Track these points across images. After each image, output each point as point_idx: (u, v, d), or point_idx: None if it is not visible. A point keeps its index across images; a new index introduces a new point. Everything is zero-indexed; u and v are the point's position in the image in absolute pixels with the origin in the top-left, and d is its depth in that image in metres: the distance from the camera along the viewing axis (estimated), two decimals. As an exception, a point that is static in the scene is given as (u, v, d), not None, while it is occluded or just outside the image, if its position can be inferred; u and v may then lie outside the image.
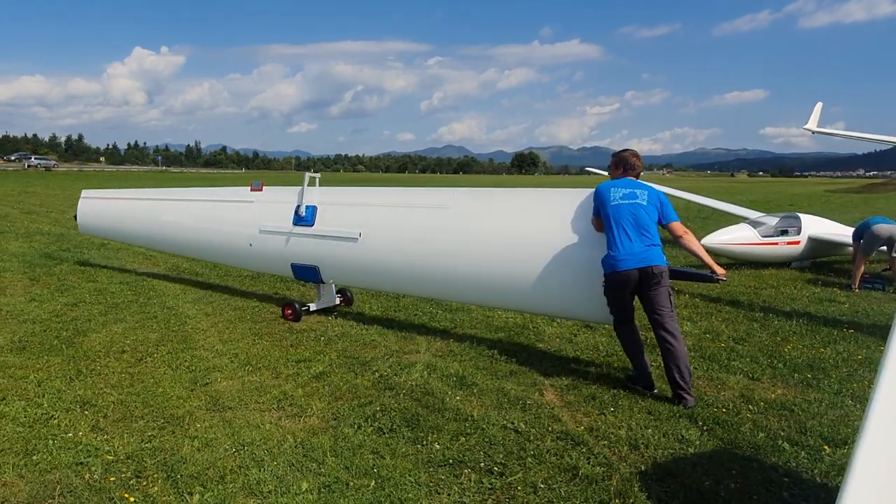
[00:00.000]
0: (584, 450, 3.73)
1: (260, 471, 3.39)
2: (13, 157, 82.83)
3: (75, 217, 8.98)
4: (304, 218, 6.55)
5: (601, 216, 4.79)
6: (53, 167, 69.46)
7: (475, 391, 4.66)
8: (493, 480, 3.38)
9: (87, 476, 3.28)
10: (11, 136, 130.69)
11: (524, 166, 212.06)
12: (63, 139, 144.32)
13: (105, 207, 8.76)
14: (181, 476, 3.29)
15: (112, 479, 3.26)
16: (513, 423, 4.09)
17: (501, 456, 3.64)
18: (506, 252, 5.45)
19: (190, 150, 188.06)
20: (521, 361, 5.41)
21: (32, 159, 74.60)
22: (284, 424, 4.02)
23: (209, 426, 3.95)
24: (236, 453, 3.59)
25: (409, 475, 3.39)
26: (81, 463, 3.42)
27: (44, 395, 4.36)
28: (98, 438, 3.72)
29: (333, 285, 6.99)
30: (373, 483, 3.30)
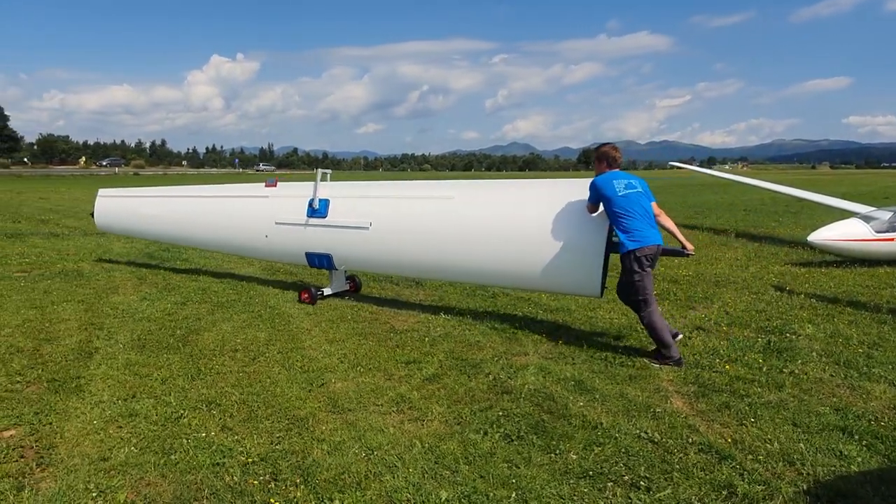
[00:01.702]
0: (733, 465, 3.46)
1: (394, 477, 3.30)
2: (104, 163, 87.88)
3: (92, 214, 9.27)
4: (317, 210, 7.04)
5: (606, 207, 5.37)
6: (131, 172, 72.62)
7: (597, 397, 4.45)
8: (640, 496, 3.17)
9: (226, 478, 3.27)
10: (102, 142, 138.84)
11: (591, 162, 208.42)
12: (148, 144, 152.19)
13: (122, 205, 9.06)
14: (318, 481, 3.24)
15: (252, 481, 3.24)
16: (646, 433, 3.85)
17: (644, 469, 3.41)
18: (503, 237, 6.03)
19: (263, 152, 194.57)
20: (637, 365, 5.15)
21: (120, 166, 78.72)
22: (408, 429, 3.93)
23: (334, 429, 3.90)
24: (367, 458, 3.51)
25: (549, 487, 3.22)
26: (219, 464, 3.42)
27: (170, 394, 4.43)
28: (230, 439, 3.73)
29: (344, 272, 7.57)
30: (513, 494, 3.14)
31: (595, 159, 5.69)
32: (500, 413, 4.13)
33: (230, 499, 3.08)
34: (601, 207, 5.47)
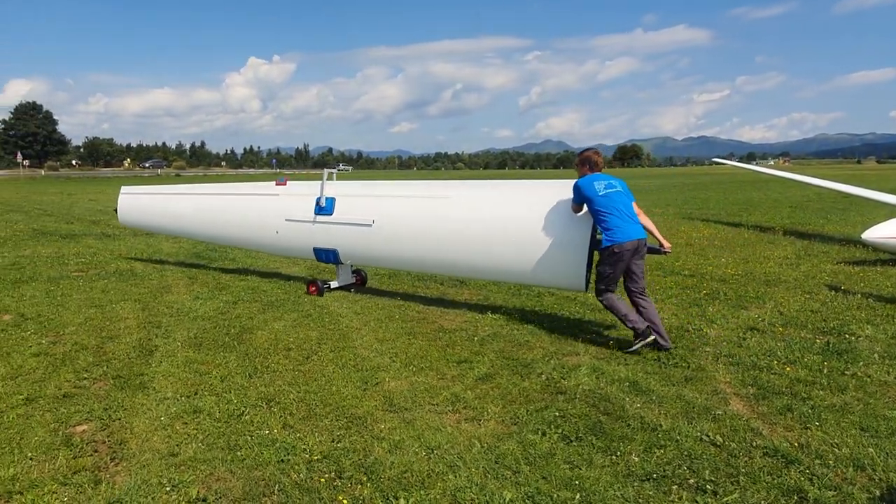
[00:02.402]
0: (801, 469, 3.38)
1: (456, 477, 3.32)
2: (147, 165, 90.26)
3: (115, 211, 9.72)
4: (324, 208, 7.46)
5: (589, 207, 5.74)
6: (173, 173, 74.32)
7: (654, 398, 4.40)
8: (707, 500, 3.12)
9: (293, 475, 3.34)
10: (144, 144, 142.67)
11: (626, 159, 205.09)
12: (188, 146, 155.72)
13: (142, 202, 9.46)
14: (382, 479, 3.28)
15: (318, 478, 3.30)
16: (708, 436, 3.79)
17: (708, 472, 3.36)
18: (494, 234, 6.40)
19: (299, 152, 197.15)
20: (693, 367, 5.08)
21: (163, 167, 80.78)
22: (465, 428, 3.95)
23: (392, 427, 3.94)
24: (427, 458, 3.54)
25: (613, 489, 3.20)
26: (284, 461, 3.49)
27: (230, 391, 4.54)
28: (292, 436, 3.80)
29: (350, 266, 8.01)
30: (577, 496, 3.13)
31: (578, 163, 6.06)
32: (557, 413, 4.12)
33: (298, 496, 3.15)
34: (585, 208, 5.84)
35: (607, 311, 6.80)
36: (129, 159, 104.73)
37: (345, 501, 3.07)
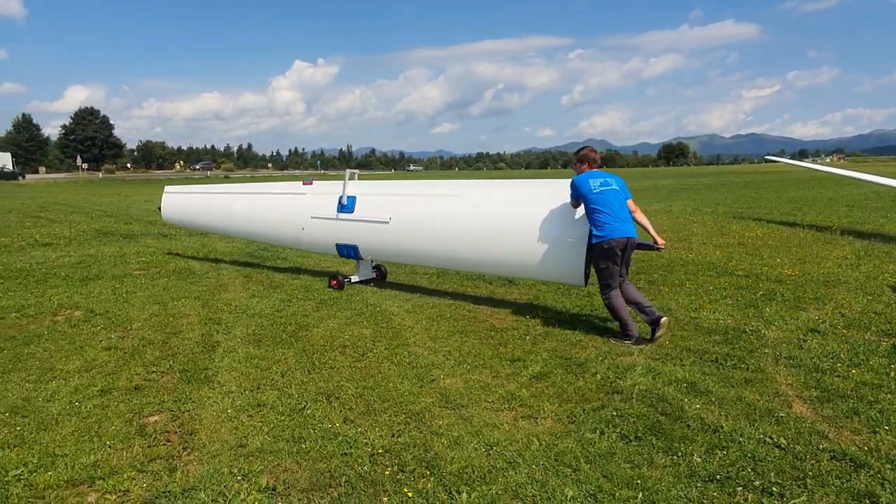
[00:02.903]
0: (871, 473, 3.30)
1: (517, 473, 3.35)
2: (197, 167, 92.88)
3: (159, 209, 10.23)
4: (346, 206, 7.89)
5: (583, 203, 5.95)
6: (222, 174, 76.58)
7: (713, 400, 4.34)
8: (773, 502, 3.08)
9: (356, 467, 3.43)
10: (195, 147, 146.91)
11: (672, 157, 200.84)
12: (235, 148, 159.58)
13: (184, 201, 10.02)
14: (444, 473, 3.34)
15: (381, 471, 3.38)
16: (771, 438, 3.73)
17: (774, 474, 3.31)
18: (499, 231, 6.71)
19: (342, 153, 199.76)
20: (752, 368, 4.99)
21: (212, 169, 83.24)
22: (523, 426, 3.98)
23: (450, 424, 4.00)
24: (487, 454, 3.59)
25: (676, 489, 3.19)
26: (347, 454, 3.59)
27: (291, 386, 4.68)
28: (353, 430, 3.90)
29: (370, 261, 8.44)
30: (640, 495, 3.13)
31: (576, 161, 6.27)
32: (614, 413, 4.11)
33: (363, 487, 3.23)
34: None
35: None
36: (180, 162, 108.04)
37: (410, 494, 3.14)
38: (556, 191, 6.51)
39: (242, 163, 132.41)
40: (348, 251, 8.10)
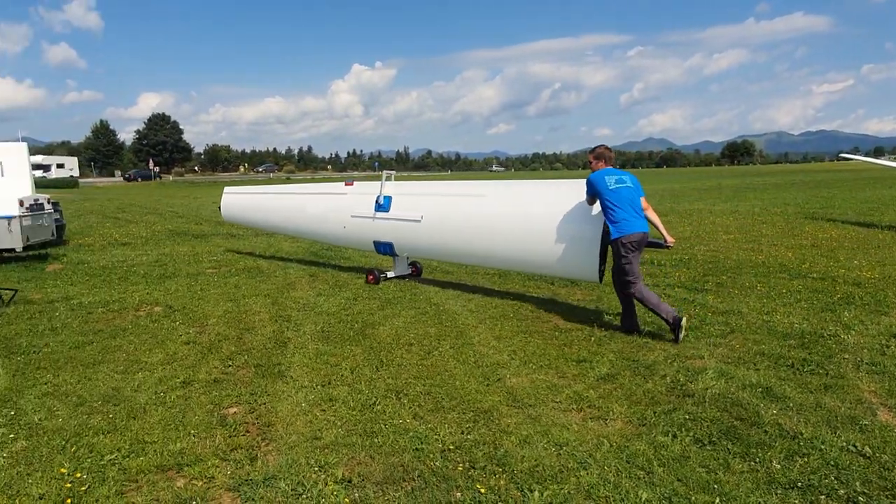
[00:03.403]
0: (968, 486, 3.13)
1: (588, 474, 3.34)
2: (260, 169, 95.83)
3: (219, 208, 10.92)
4: (382, 206, 8.34)
5: (599, 200, 6.13)
6: (284, 176, 78.88)
7: (790, 405, 4.20)
8: (860, 512, 2.97)
9: (429, 462, 3.49)
10: (258, 150, 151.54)
11: (736, 156, 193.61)
12: (296, 151, 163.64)
13: (241, 201, 10.64)
14: (515, 471, 3.36)
15: (453, 467, 3.43)
16: (856, 447, 3.59)
17: (859, 484, 3.19)
18: (521, 229, 6.98)
19: (399, 155, 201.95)
20: (831, 374, 4.80)
21: (274, 171, 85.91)
22: (592, 427, 3.96)
23: (518, 423, 4.02)
24: (556, 453, 3.59)
25: (755, 496, 3.11)
26: (419, 449, 3.66)
27: (360, 382, 4.79)
28: (423, 427, 3.97)
29: (406, 258, 8.84)
30: (717, 500, 3.07)
31: (592, 158, 6.48)
32: (686, 416, 4.04)
33: (436, 482, 3.29)
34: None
35: (729, 314, 6.59)
36: (244, 164, 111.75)
37: (482, 490, 3.17)
38: (575, 190, 6.68)
39: (303, 165, 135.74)
40: (384, 248, 8.53)
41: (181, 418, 4.15)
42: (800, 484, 3.20)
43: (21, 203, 10.28)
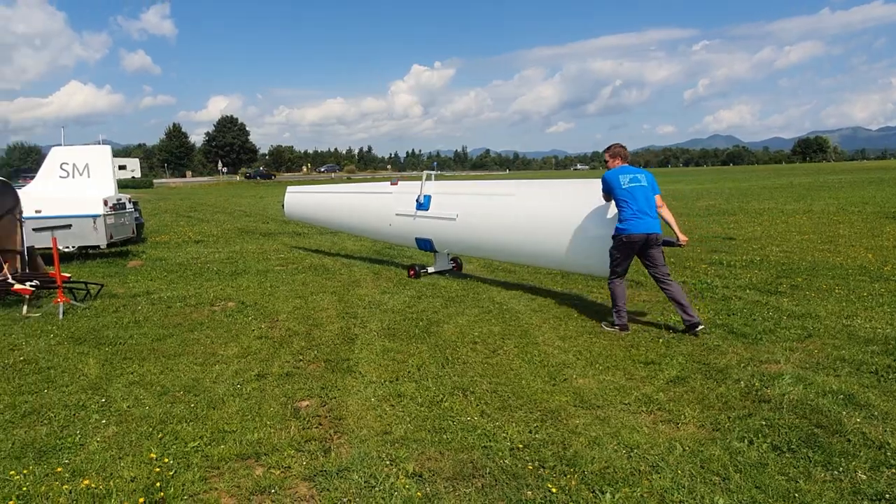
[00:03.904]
0: None
1: (661, 477, 3.29)
2: (322, 170, 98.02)
3: (282, 206, 11.59)
4: (422, 204, 8.80)
5: (613, 196, 6.27)
6: (345, 176, 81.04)
7: (875, 414, 4.01)
8: (956, 528, 2.81)
9: (498, 460, 3.52)
10: (319, 151, 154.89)
11: (808, 153, 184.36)
12: (357, 151, 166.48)
13: (301, 199, 11.31)
14: (586, 473, 3.35)
15: (523, 466, 3.44)
16: (950, 459, 3.39)
17: (955, 499, 3.02)
18: (543, 226, 7.28)
19: (458, 154, 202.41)
20: (921, 382, 4.54)
21: (335, 171, 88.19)
22: (663, 430, 3.89)
23: (587, 424, 3.99)
24: (627, 456, 3.55)
25: (839, 506, 2.99)
26: (487, 446, 3.68)
27: (427, 379, 4.86)
28: (490, 425, 3.99)
29: (447, 253, 9.22)
30: (798, 509, 2.97)
31: (608, 156, 6.56)
32: (763, 422, 3.91)
33: (505, 480, 3.31)
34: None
35: (805, 318, 6.34)
36: (307, 164, 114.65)
37: (553, 490, 3.17)
38: (593, 189, 6.78)
39: (363, 165, 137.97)
40: (425, 244, 9.02)
41: (257, 409, 4.31)
42: (888, 496, 3.06)
43: (105, 202, 10.89)
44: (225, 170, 78.96)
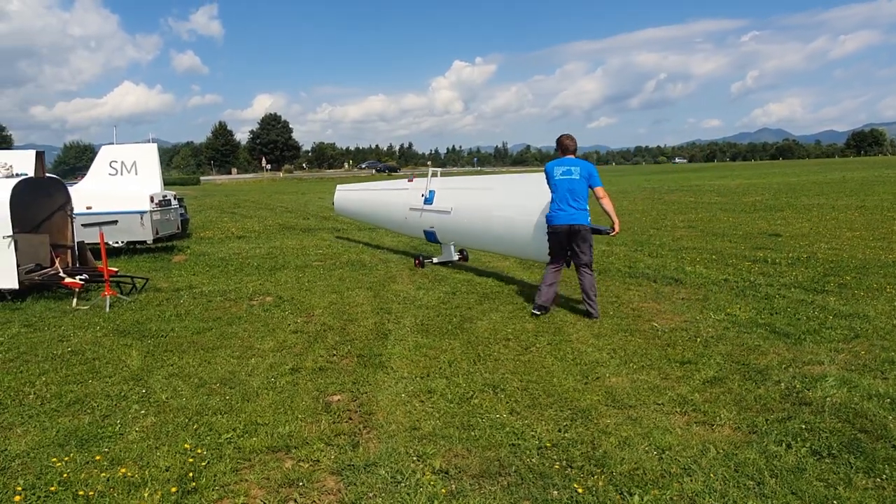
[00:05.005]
0: None
1: (692, 480, 3.21)
2: (363, 166, 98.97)
3: (333, 203, 12.31)
4: (427, 199, 9.39)
5: (549, 186, 6.62)
6: (387, 171, 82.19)
7: (925, 420, 3.83)
8: None
9: (525, 458, 3.49)
10: (361, 147, 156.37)
11: (863, 146, 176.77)
12: (397, 147, 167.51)
13: (347, 196, 12.01)
14: (614, 473, 3.29)
15: (550, 465, 3.41)
16: None
17: None
18: (508, 218, 7.71)
19: (498, 150, 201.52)
20: (976, 387, 4.31)
21: (378, 166, 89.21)
22: (696, 431, 3.80)
23: (618, 423, 3.92)
24: (658, 457, 3.47)
25: (881, 515, 2.87)
26: (515, 444, 3.66)
27: (458, 375, 4.86)
28: (519, 423, 3.97)
29: (452, 245, 9.73)
30: (836, 517, 2.86)
31: (556, 149, 6.85)
32: (802, 426, 3.78)
33: (532, 479, 3.28)
34: None
35: (853, 318, 6.11)
36: (349, 161, 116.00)
37: (580, 490, 3.13)
38: (540, 181, 7.08)
39: (404, 161, 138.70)
40: (431, 236, 9.64)
41: (290, 403, 4.38)
42: (934, 506, 2.92)
43: (152, 199, 11.22)
44: (268, 167, 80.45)
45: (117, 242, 11.63)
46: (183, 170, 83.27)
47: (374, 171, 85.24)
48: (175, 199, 12.57)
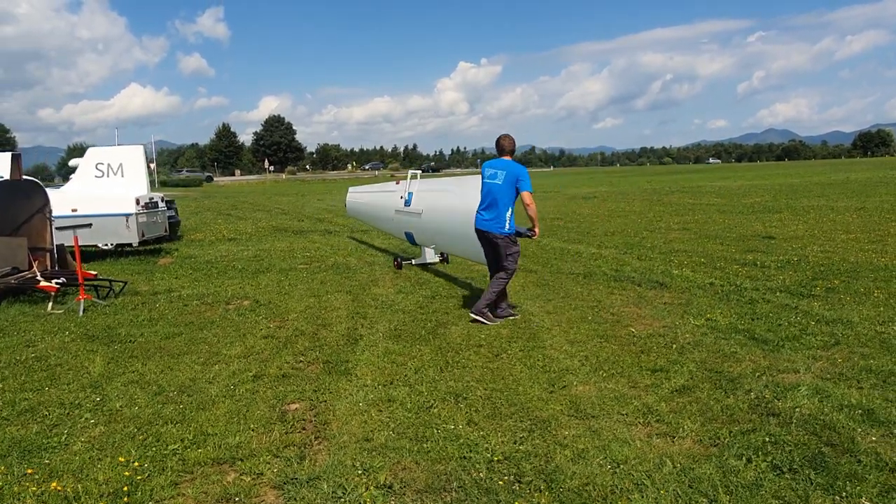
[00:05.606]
0: None
1: (643, 497, 3.08)
2: (367, 167, 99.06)
3: (345, 205, 12.62)
4: (407, 201, 9.54)
5: None
6: (392, 174, 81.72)
7: (894, 432, 3.68)
8: (965, 566, 2.53)
9: (473, 473, 3.37)
10: (365, 149, 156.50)
11: (870, 147, 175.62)
12: (402, 149, 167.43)
13: (355, 199, 12.27)
14: (562, 489, 3.17)
15: (497, 480, 3.29)
16: (971, 486, 3.07)
17: (969, 532, 2.72)
18: (465, 221, 7.16)
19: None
20: (952, 398, 4.16)
21: (380, 168, 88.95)
22: (657, 444, 3.66)
23: (577, 435, 3.80)
24: (612, 471, 3.35)
25: (834, 535, 2.73)
26: (466, 458, 3.54)
27: (422, 383, 4.74)
28: (475, 434, 3.84)
29: (433, 248, 9.66)
30: (787, 537, 2.73)
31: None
32: (767, 439, 3.64)
33: (476, 494, 3.16)
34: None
35: (835, 324, 5.97)
36: (353, 162, 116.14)
37: (522, 507, 3.01)
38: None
39: (408, 163, 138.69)
40: (410, 238, 9.89)
41: (245, 412, 4.28)
42: (892, 526, 2.78)
43: (137, 201, 11.16)
44: (271, 168, 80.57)
45: (106, 245, 11.58)
46: (194, 172, 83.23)
47: (376, 172, 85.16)
48: (163, 201, 12.51)
